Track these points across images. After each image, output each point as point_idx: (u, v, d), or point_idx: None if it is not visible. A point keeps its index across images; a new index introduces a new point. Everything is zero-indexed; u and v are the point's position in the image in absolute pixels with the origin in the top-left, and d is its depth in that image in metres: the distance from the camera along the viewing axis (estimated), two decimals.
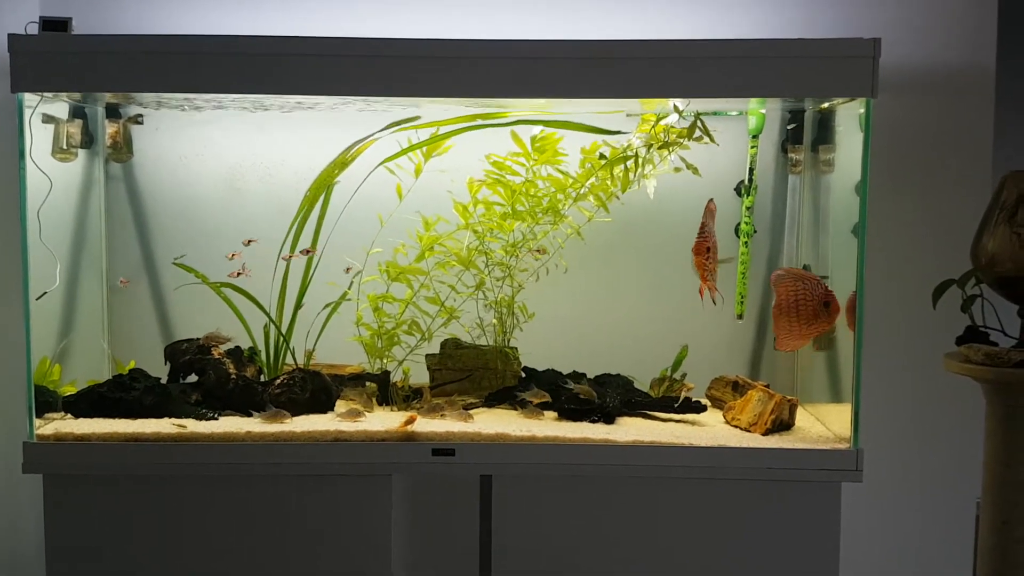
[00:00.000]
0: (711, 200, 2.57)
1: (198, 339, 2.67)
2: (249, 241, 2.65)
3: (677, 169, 2.62)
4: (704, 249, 2.54)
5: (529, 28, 2.78)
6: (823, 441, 2.44)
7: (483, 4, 2.80)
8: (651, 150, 2.59)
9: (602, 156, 2.63)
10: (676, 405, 2.59)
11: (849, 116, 2.51)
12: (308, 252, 2.64)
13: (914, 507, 2.91)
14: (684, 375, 2.72)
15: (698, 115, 2.55)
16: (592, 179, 2.66)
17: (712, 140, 2.55)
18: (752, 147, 2.76)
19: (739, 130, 2.77)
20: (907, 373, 2.85)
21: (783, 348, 2.56)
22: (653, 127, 2.58)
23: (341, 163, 2.67)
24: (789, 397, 2.54)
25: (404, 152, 2.67)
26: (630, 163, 2.60)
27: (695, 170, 2.59)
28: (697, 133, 2.55)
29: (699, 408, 2.60)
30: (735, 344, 2.88)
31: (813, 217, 2.77)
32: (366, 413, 2.55)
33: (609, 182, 2.65)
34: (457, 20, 2.80)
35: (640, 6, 2.81)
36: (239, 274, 2.65)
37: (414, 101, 2.50)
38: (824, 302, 2.49)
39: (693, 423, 2.59)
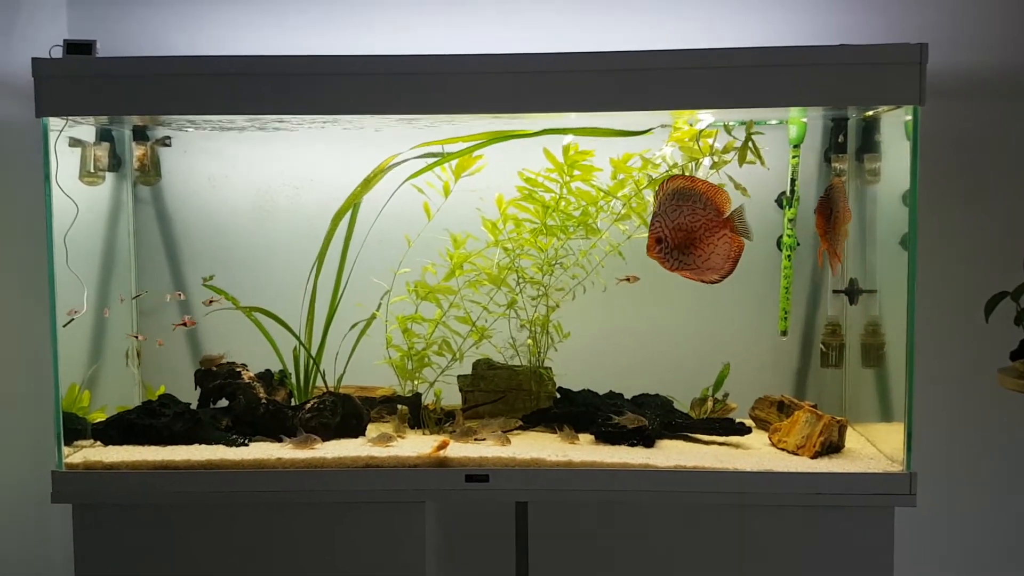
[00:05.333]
0: (670, 179, 2.37)
1: (228, 363, 2.65)
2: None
3: (721, 186, 2.53)
4: (654, 242, 2.33)
5: (555, 42, 2.72)
6: (874, 464, 2.34)
7: (508, 19, 2.76)
8: (699, 165, 2.50)
9: (651, 177, 2.55)
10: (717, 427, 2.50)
11: (895, 123, 2.41)
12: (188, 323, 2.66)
13: (969, 530, 2.80)
14: (726, 395, 2.64)
15: (750, 135, 2.47)
16: (626, 191, 2.59)
17: (763, 163, 2.47)
18: (793, 157, 2.68)
19: (780, 140, 2.68)
20: (959, 390, 2.76)
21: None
22: (698, 142, 2.48)
23: (368, 182, 2.63)
24: (838, 418, 2.44)
25: (432, 167, 2.61)
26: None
27: (744, 190, 2.51)
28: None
29: (743, 430, 2.51)
30: (779, 362, 2.79)
31: (858, 229, 2.67)
32: (398, 438, 2.50)
33: (650, 200, 2.57)
34: (479, 35, 2.76)
35: (677, 13, 2.74)
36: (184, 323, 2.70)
37: (446, 118, 2.45)
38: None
39: (737, 446, 2.50)
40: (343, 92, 2.29)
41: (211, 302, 2.67)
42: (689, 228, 2.32)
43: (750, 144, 2.47)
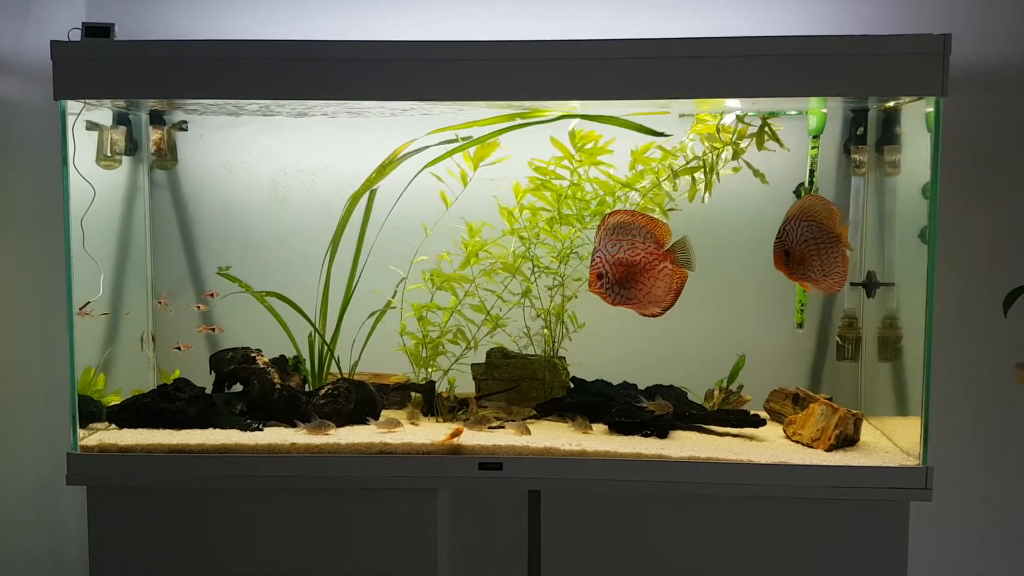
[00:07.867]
0: (610, 213, 2.34)
1: (243, 348, 2.65)
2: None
3: (736, 169, 2.52)
4: (595, 277, 2.31)
5: (577, 28, 2.70)
6: (890, 457, 2.33)
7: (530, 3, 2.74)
8: (720, 158, 2.49)
9: (672, 170, 2.54)
10: (732, 418, 2.49)
11: (916, 115, 2.39)
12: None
13: (985, 526, 2.78)
14: (741, 387, 2.62)
15: (765, 121, 2.44)
16: (645, 183, 2.57)
17: (782, 145, 2.45)
18: (813, 148, 2.65)
19: (799, 130, 2.66)
20: (977, 385, 2.73)
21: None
22: (718, 132, 2.47)
23: (382, 168, 2.62)
24: (854, 411, 2.43)
25: (451, 153, 2.60)
26: (700, 175, 2.51)
27: (763, 177, 2.50)
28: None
29: (758, 422, 2.49)
30: (795, 354, 2.77)
31: (878, 221, 2.65)
32: (411, 425, 2.50)
33: (671, 191, 2.56)
34: (504, 24, 2.74)
35: (701, 3, 2.72)
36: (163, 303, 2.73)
37: (460, 105, 2.44)
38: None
39: (751, 438, 2.49)
40: (361, 77, 2.27)
41: (165, 299, 2.74)
42: (629, 263, 2.31)
43: (767, 129, 2.44)
